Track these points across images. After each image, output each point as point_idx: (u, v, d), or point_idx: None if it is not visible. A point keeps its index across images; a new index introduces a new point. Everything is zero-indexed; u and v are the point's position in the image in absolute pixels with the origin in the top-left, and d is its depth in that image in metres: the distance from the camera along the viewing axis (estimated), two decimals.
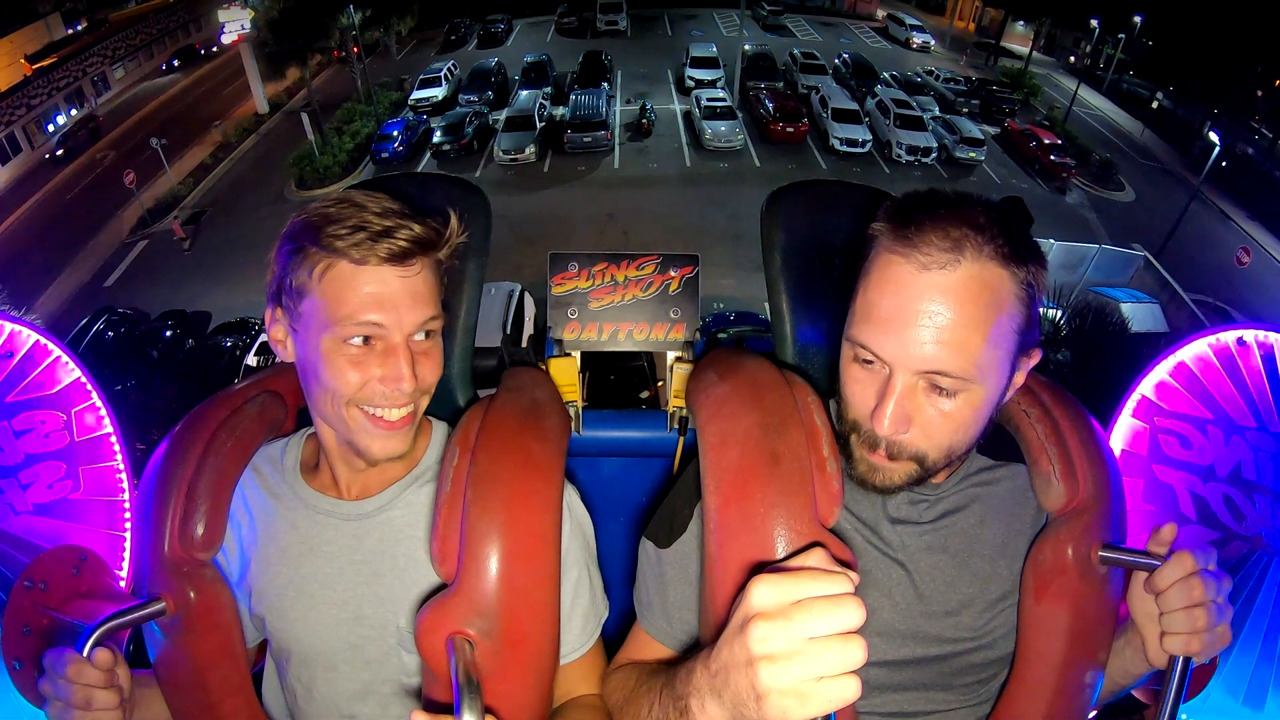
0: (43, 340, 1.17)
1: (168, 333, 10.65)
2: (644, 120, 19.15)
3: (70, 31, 25.33)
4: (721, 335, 8.13)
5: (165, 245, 15.43)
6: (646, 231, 14.71)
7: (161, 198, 16.98)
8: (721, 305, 10.52)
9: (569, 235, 14.62)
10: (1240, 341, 1.16)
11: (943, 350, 0.70)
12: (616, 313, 1.20)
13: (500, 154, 17.39)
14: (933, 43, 27.91)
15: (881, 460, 0.77)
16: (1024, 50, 26.56)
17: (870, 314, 0.74)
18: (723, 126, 18.11)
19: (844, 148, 17.77)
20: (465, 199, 1.06)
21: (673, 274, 1.19)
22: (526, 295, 9.19)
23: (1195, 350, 1.19)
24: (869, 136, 17.99)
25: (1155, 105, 23.21)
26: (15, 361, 1.15)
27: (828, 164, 17.70)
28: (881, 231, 0.75)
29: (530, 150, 17.32)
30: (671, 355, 1.21)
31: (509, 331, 8.25)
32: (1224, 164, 16.23)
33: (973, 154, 17.70)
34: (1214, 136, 15.56)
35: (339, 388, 0.80)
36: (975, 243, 0.70)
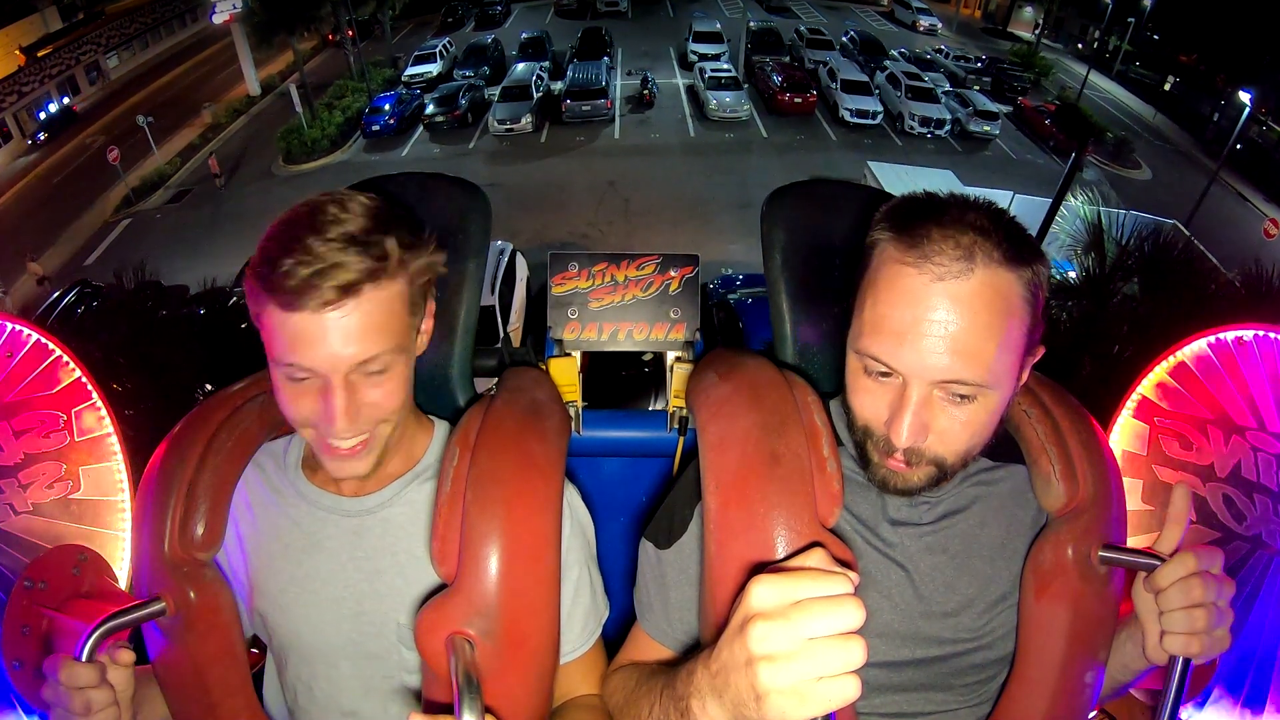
0: (43, 340, 1.16)
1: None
2: (645, 91, 18.66)
3: (65, 25, 25.37)
4: (731, 297, 7.96)
5: (148, 223, 15.33)
6: (649, 198, 14.24)
7: (148, 177, 16.79)
8: (731, 270, 10.23)
9: (567, 202, 14.18)
10: (1240, 341, 1.16)
11: (958, 360, 0.70)
12: (616, 313, 1.20)
13: (495, 124, 16.79)
14: (939, 26, 27.84)
15: (900, 467, 0.77)
16: (1030, 38, 26.52)
17: (882, 326, 0.73)
18: (728, 97, 17.65)
19: (854, 119, 17.36)
20: (465, 199, 1.06)
21: (673, 274, 1.20)
22: (519, 255, 8.70)
23: (1195, 350, 1.19)
24: (880, 108, 17.59)
25: (1167, 88, 23.01)
26: (15, 361, 1.15)
27: (838, 135, 17.35)
28: (885, 240, 0.74)
29: (526, 120, 16.74)
30: (671, 355, 1.21)
31: (499, 290, 7.67)
32: (1239, 147, 15.99)
33: (987, 127, 17.34)
34: (1245, 96, 14.96)
35: (289, 415, 0.80)
36: (985, 249, 0.69)
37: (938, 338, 0.70)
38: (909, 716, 0.87)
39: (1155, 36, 24.00)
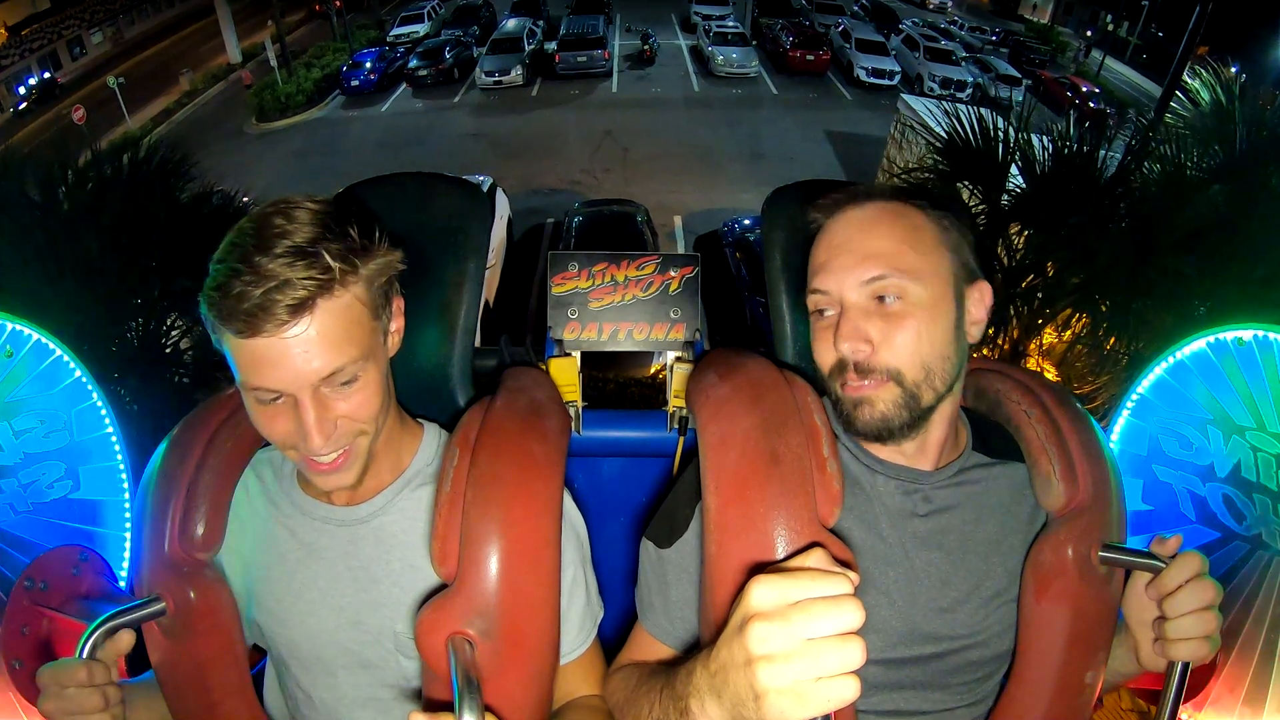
0: (43, 339, 1.17)
1: None
2: (646, 48, 17.80)
3: (52, 5, 25.34)
4: (750, 236, 7.69)
5: None
6: (649, 148, 13.37)
7: (115, 141, 16.33)
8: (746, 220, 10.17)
9: (559, 151, 13.34)
10: (1240, 341, 1.16)
11: (871, 261, 0.80)
12: (616, 313, 1.20)
13: (483, 76, 15.77)
14: (949, 4, 27.73)
15: (858, 387, 0.81)
16: (1043, 23, 26.57)
17: (813, 266, 0.86)
18: (735, 53, 16.81)
19: (871, 79, 16.61)
20: (465, 199, 1.06)
21: (673, 274, 1.20)
22: (499, 190, 8.11)
23: (1195, 350, 1.19)
24: (898, 68, 16.88)
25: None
26: (15, 361, 1.15)
27: (853, 95, 16.62)
28: (817, 220, 0.89)
29: (517, 72, 15.73)
30: (671, 355, 1.21)
31: None
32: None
33: (1010, 92, 16.50)
34: None
35: (268, 438, 0.79)
36: (880, 191, 0.86)
37: (851, 252, 0.82)
38: (906, 715, 0.87)
39: (1160, 34, 23.91)
